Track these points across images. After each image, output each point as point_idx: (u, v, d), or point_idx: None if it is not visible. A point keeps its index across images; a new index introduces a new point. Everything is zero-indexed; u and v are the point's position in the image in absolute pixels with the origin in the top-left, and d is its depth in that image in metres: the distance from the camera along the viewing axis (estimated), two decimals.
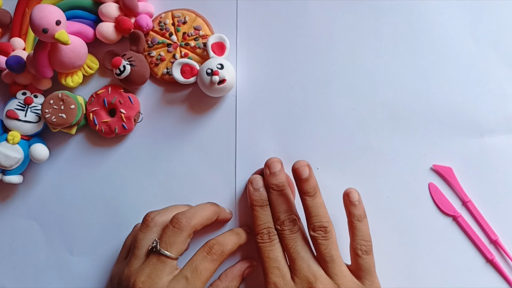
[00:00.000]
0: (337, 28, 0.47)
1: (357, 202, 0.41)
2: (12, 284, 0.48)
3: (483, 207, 0.45)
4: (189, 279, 0.38)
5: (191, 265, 0.39)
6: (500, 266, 0.44)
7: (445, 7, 0.47)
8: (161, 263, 0.39)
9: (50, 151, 0.47)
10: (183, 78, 0.45)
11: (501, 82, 0.46)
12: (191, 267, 0.39)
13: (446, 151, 0.45)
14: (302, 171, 0.41)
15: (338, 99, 0.47)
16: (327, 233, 0.40)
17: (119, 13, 0.47)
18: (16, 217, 0.49)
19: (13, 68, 0.46)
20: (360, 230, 0.41)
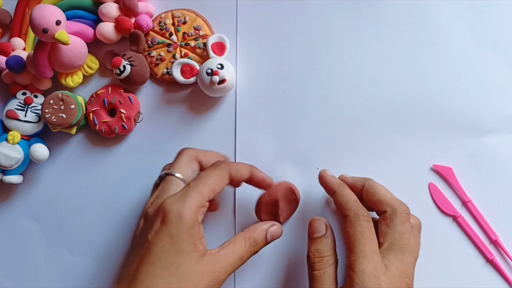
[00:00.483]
0: (337, 28, 0.47)
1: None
2: (12, 284, 0.48)
3: (483, 207, 0.45)
4: (193, 186, 0.37)
5: (197, 177, 0.38)
6: (500, 266, 0.44)
7: (445, 7, 0.47)
8: (167, 183, 0.39)
9: (50, 151, 0.47)
10: (183, 78, 0.45)
11: (501, 82, 0.46)
12: (196, 179, 0.38)
13: (446, 151, 0.45)
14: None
15: (338, 99, 0.47)
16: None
17: (119, 13, 0.47)
18: (16, 217, 0.49)
19: (13, 68, 0.46)
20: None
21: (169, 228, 0.35)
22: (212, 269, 0.36)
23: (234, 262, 0.37)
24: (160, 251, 0.35)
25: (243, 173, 0.40)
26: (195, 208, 0.36)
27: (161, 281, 0.34)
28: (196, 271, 0.35)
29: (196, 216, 0.36)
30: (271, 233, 0.40)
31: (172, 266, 0.35)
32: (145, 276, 0.35)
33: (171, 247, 0.35)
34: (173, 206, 0.36)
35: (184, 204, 0.36)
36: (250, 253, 0.38)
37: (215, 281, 0.36)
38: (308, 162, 0.46)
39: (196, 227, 0.36)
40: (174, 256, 0.35)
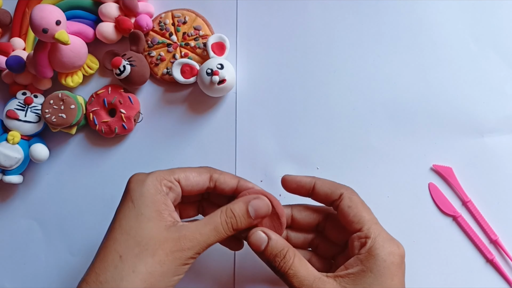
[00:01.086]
0: (337, 28, 0.47)
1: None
2: (12, 284, 0.48)
3: (483, 207, 0.45)
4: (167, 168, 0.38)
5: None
6: (500, 266, 0.44)
7: (445, 7, 0.47)
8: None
9: (50, 151, 0.47)
10: (183, 78, 0.45)
11: (501, 82, 0.46)
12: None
13: (446, 151, 0.45)
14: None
15: (338, 99, 0.47)
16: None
17: (119, 13, 0.47)
18: (16, 217, 0.49)
19: (13, 68, 0.46)
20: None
21: (130, 193, 0.35)
22: (177, 236, 0.34)
23: (206, 231, 0.35)
24: (121, 216, 0.35)
25: (228, 179, 0.38)
26: (159, 178, 0.36)
27: (120, 245, 0.34)
28: (158, 237, 0.34)
29: (159, 186, 0.35)
30: (254, 206, 0.36)
31: (132, 230, 0.34)
32: (107, 242, 0.34)
33: (132, 211, 0.35)
34: (138, 175, 0.36)
35: (149, 174, 0.36)
36: (227, 225, 0.35)
37: (179, 248, 0.34)
38: (308, 162, 0.46)
39: (159, 195, 0.35)
40: (134, 220, 0.34)
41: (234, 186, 0.38)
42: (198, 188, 0.38)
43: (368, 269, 0.34)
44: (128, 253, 0.33)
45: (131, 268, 0.33)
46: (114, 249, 0.34)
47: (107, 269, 0.33)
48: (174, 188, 0.37)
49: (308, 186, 0.39)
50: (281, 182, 0.40)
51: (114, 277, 0.33)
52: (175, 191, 0.37)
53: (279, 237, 0.36)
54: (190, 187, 0.38)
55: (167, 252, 0.33)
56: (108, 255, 0.34)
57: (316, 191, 0.38)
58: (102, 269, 0.33)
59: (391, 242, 0.35)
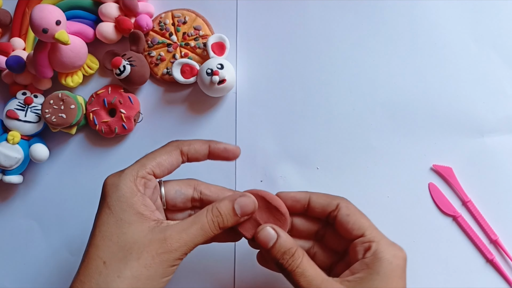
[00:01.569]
0: (337, 28, 0.47)
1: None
2: (12, 284, 0.48)
3: (483, 207, 0.45)
4: (136, 161, 0.37)
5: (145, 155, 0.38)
6: (500, 266, 0.44)
7: (445, 7, 0.47)
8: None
9: (50, 151, 0.47)
10: (183, 78, 0.45)
11: (501, 82, 0.46)
12: (143, 156, 0.37)
13: (446, 151, 0.45)
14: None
15: (338, 99, 0.47)
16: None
17: (119, 13, 0.47)
18: (16, 217, 0.49)
19: (13, 68, 0.46)
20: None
21: (106, 200, 0.34)
22: (163, 236, 0.33)
23: (192, 231, 0.34)
24: (100, 223, 0.34)
25: (198, 147, 0.38)
26: (132, 178, 0.35)
27: (103, 251, 0.33)
28: (142, 240, 0.33)
29: (135, 186, 0.34)
30: (240, 204, 0.36)
31: (113, 236, 0.33)
32: (90, 249, 0.34)
33: (111, 218, 0.34)
34: (111, 179, 0.35)
35: (121, 175, 0.35)
36: (213, 223, 0.35)
37: (166, 249, 0.33)
38: (308, 162, 0.46)
39: (136, 197, 0.34)
40: (114, 226, 0.33)
41: (206, 152, 0.38)
42: (173, 168, 0.37)
43: (375, 272, 0.34)
44: (111, 259, 0.33)
45: (116, 273, 0.32)
46: (97, 256, 0.33)
47: (92, 276, 0.33)
48: (150, 183, 0.36)
49: (303, 201, 0.38)
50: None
51: (99, 283, 0.32)
52: (151, 185, 0.36)
53: (288, 235, 0.36)
54: (166, 172, 0.37)
55: (153, 254, 0.33)
56: (92, 262, 0.33)
57: (312, 205, 0.38)
58: (86, 276, 0.33)
59: (394, 246, 0.35)
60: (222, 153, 0.38)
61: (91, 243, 0.34)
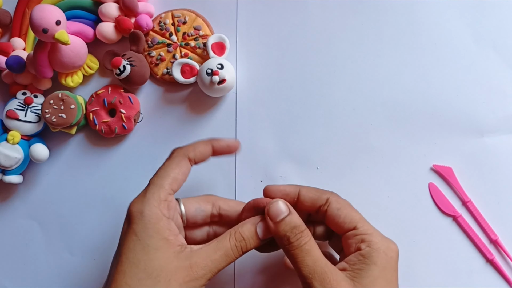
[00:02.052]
0: (337, 28, 0.47)
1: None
2: (12, 284, 0.48)
3: (483, 207, 0.45)
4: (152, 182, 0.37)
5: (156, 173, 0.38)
6: (500, 266, 0.44)
7: (445, 7, 0.47)
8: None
9: (50, 151, 0.47)
10: (183, 78, 0.45)
11: (501, 82, 0.46)
12: (155, 174, 0.38)
13: (446, 151, 0.45)
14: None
15: (338, 99, 0.47)
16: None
17: (119, 13, 0.47)
18: (16, 217, 0.49)
19: (13, 68, 0.46)
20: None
21: (133, 227, 0.34)
22: (188, 264, 0.33)
23: (217, 258, 0.34)
24: (127, 250, 0.34)
25: (203, 150, 0.38)
26: (156, 203, 0.35)
27: (130, 278, 0.33)
28: (169, 267, 0.33)
29: (159, 211, 0.35)
30: (261, 227, 0.36)
31: (141, 262, 0.33)
32: (116, 276, 0.33)
33: (138, 245, 0.34)
34: (135, 205, 0.35)
35: (144, 201, 0.35)
36: (236, 248, 0.35)
37: (192, 277, 0.33)
38: (308, 162, 0.46)
39: (162, 222, 0.34)
40: (141, 253, 0.34)
41: (210, 152, 0.39)
42: (186, 177, 0.38)
43: (372, 262, 0.34)
44: (139, 286, 0.33)
45: None
46: (125, 282, 0.33)
47: None
48: (171, 204, 0.36)
49: (293, 195, 0.38)
50: (264, 193, 0.39)
51: None
52: (172, 206, 0.36)
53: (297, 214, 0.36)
54: (182, 183, 0.38)
55: (180, 282, 0.33)
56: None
57: (302, 199, 0.38)
58: None
59: (386, 239, 0.36)
60: (224, 150, 0.40)
61: (118, 269, 0.34)
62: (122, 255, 0.34)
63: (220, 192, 0.46)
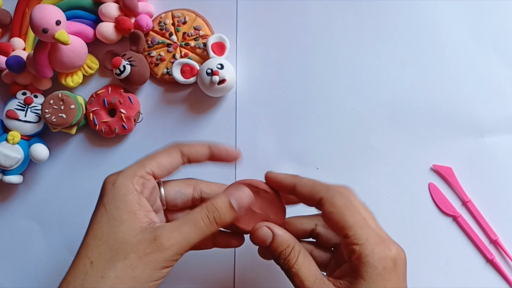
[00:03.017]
0: (337, 28, 0.47)
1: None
2: (12, 284, 0.48)
3: (483, 207, 0.45)
4: (137, 161, 0.36)
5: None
6: (500, 266, 0.44)
7: (445, 7, 0.47)
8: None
9: (50, 151, 0.47)
10: (183, 78, 0.45)
11: (501, 82, 0.46)
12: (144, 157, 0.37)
13: (446, 151, 0.45)
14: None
15: (338, 99, 0.47)
16: None
17: (119, 13, 0.47)
18: (16, 217, 0.49)
19: (13, 68, 0.46)
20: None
21: (103, 198, 0.34)
22: (153, 236, 0.32)
23: (186, 229, 0.32)
24: (94, 222, 0.33)
25: (198, 149, 0.37)
26: (130, 176, 0.34)
27: (92, 251, 0.32)
28: (131, 240, 0.32)
29: (132, 185, 0.33)
30: (235, 197, 0.34)
31: (104, 235, 0.32)
32: (80, 249, 0.33)
33: (104, 216, 0.33)
34: (110, 177, 0.35)
35: (120, 174, 0.34)
36: (209, 219, 0.33)
37: (154, 248, 0.31)
38: (308, 162, 0.46)
39: (131, 195, 0.33)
40: (106, 225, 0.32)
41: (206, 154, 0.37)
42: (173, 169, 0.37)
43: (360, 276, 0.32)
44: (99, 259, 0.32)
45: (100, 274, 0.31)
46: (86, 255, 0.32)
47: (78, 276, 0.32)
48: (148, 183, 0.35)
49: (290, 187, 0.36)
50: (265, 178, 0.38)
51: (84, 284, 0.31)
52: (149, 185, 0.35)
53: (284, 232, 0.35)
54: (166, 172, 0.36)
55: (140, 255, 0.31)
56: (80, 261, 0.32)
57: (297, 194, 0.36)
58: (73, 276, 0.32)
59: (381, 246, 0.33)
60: (223, 156, 0.38)
61: (83, 242, 0.33)
62: (88, 228, 0.34)
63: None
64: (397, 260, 0.33)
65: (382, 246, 0.33)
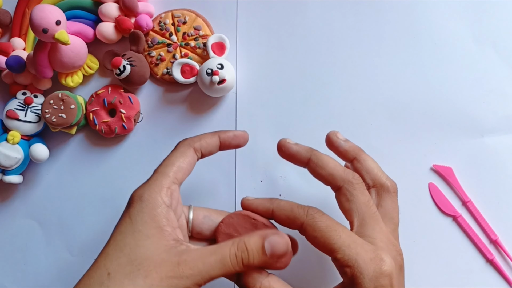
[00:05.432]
0: (337, 28, 0.47)
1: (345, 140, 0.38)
2: (12, 284, 0.48)
3: (483, 207, 0.45)
4: (157, 171, 0.35)
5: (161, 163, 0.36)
6: (500, 266, 0.44)
7: (445, 7, 0.47)
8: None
9: (50, 151, 0.47)
10: (183, 78, 0.45)
11: (501, 82, 0.46)
12: (160, 164, 0.36)
13: (446, 151, 0.45)
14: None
15: (338, 99, 0.47)
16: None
17: (119, 13, 0.47)
18: (16, 217, 0.49)
19: (13, 68, 0.46)
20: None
21: (129, 210, 0.32)
22: (176, 260, 0.30)
23: (210, 261, 0.30)
24: (117, 233, 0.32)
25: (209, 141, 0.37)
26: (158, 189, 0.33)
27: (111, 261, 0.31)
28: (154, 258, 0.30)
29: (159, 197, 0.32)
30: (271, 242, 0.31)
31: (126, 247, 0.31)
32: (99, 257, 0.32)
33: (129, 228, 0.31)
34: (137, 191, 0.34)
35: (145, 186, 0.33)
36: (236, 258, 0.31)
37: (177, 274, 0.30)
38: None
39: (160, 209, 0.32)
40: (131, 237, 0.31)
41: (217, 143, 0.37)
42: (192, 168, 0.36)
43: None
44: (117, 271, 0.30)
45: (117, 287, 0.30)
46: (104, 265, 0.31)
47: (93, 286, 0.30)
48: (175, 193, 0.34)
49: (268, 213, 0.35)
50: (241, 205, 0.37)
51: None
52: (176, 196, 0.34)
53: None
54: (187, 173, 0.36)
55: (162, 276, 0.30)
56: (97, 270, 0.31)
57: (276, 219, 0.35)
58: (87, 285, 0.31)
59: (373, 263, 0.31)
60: (232, 141, 0.38)
61: (102, 251, 0.32)
62: (111, 237, 0.32)
63: (220, 192, 0.46)
64: (392, 273, 0.32)
65: (374, 264, 0.31)
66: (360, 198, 0.35)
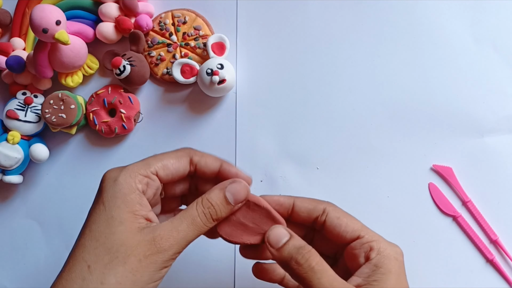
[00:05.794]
0: (337, 28, 0.47)
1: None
2: (12, 284, 0.48)
3: (483, 207, 0.45)
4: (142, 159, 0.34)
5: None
6: (500, 266, 0.44)
7: (445, 7, 0.47)
8: None
9: (50, 151, 0.47)
10: (183, 78, 0.45)
11: (501, 82, 0.46)
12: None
13: (446, 151, 0.45)
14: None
15: (338, 99, 0.47)
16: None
17: (119, 13, 0.47)
18: (16, 217, 0.49)
19: (13, 68, 0.46)
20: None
21: (102, 195, 0.32)
22: (151, 237, 0.31)
23: (183, 228, 0.31)
24: (91, 222, 0.32)
25: (209, 162, 0.35)
26: (133, 174, 0.32)
27: (89, 253, 0.30)
28: (130, 242, 0.30)
29: (134, 184, 0.32)
30: (231, 191, 0.33)
31: (102, 235, 0.31)
32: (76, 250, 0.31)
33: (103, 215, 0.31)
34: (111, 172, 0.33)
35: (122, 170, 0.33)
36: (205, 216, 0.32)
37: (154, 250, 0.30)
38: (308, 162, 0.46)
39: (133, 194, 0.32)
40: (105, 225, 0.31)
41: (216, 169, 0.35)
42: (179, 175, 0.35)
43: (387, 271, 0.32)
44: (97, 263, 0.30)
45: (100, 280, 0.30)
46: (82, 258, 0.31)
47: (75, 281, 0.30)
48: (152, 183, 0.33)
49: (287, 205, 0.35)
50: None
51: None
52: (153, 186, 0.33)
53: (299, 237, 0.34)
54: (170, 176, 0.34)
55: (140, 258, 0.30)
56: (76, 264, 0.31)
57: (296, 210, 0.35)
58: (69, 280, 0.30)
59: (391, 244, 0.34)
60: (232, 177, 0.35)
61: (79, 243, 0.32)
62: (86, 227, 0.32)
63: None
64: (403, 257, 0.34)
65: (391, 244, 0.34)
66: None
